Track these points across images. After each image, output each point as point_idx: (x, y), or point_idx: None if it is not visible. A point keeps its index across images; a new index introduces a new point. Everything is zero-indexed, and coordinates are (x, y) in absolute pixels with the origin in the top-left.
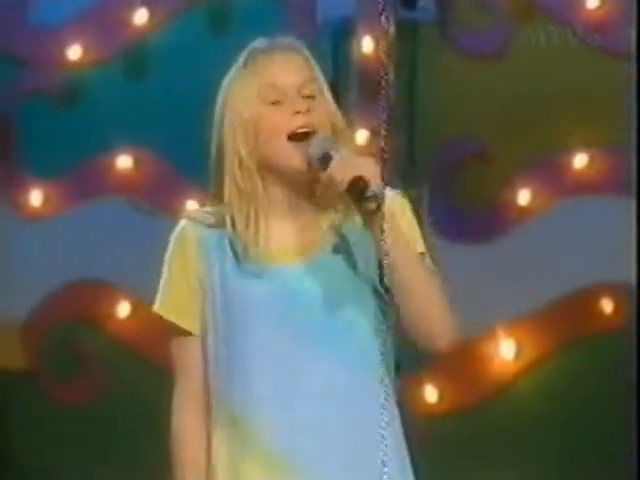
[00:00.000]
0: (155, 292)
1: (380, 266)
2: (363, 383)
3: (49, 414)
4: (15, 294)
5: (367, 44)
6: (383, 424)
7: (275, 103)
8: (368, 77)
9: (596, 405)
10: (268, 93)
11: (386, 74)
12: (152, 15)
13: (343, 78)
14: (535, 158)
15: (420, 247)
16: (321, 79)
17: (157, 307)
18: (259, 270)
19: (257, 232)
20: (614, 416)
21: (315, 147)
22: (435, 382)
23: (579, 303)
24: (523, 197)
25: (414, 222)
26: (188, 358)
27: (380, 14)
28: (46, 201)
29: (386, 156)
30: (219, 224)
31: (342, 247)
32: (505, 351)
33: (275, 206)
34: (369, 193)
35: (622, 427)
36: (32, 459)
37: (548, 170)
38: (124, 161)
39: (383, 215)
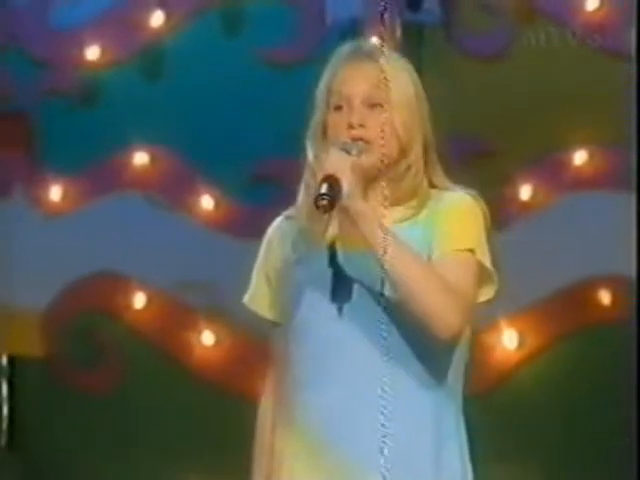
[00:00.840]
0: (169, 285)
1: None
2: (398, 368)
3: (67, 400)
4: (36, 285)
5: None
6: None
7: (338, 109)
8: None
9: (595, 393)
10: (334, 99)
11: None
12: (168, 17)
13: None
14: (536, 155)
15: (458, 244)
16: (395, 87)
17: (246, 300)
18: (319, 257)
19: (319, 221)
20: (613, 404)
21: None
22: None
23: (579, 295)
24: (525, 192)
25: (466, 220)
26: (275, 346)
27: (381, 15)
28: (65, 196)
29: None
30: (293, 215)
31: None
32: (507, 341)
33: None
34: (322, 190)
35: (621, 415)
36: (51, 444)
37: (549, 167)
38: (140, 158)
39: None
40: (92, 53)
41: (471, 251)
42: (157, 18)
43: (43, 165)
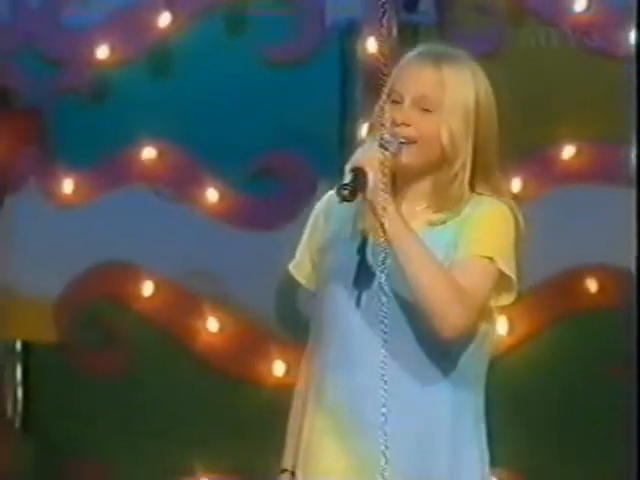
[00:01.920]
0: (175, 274)
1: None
2: (423, 353)
3: (79, 383)
4: (49, 274)
5: (371, 45)
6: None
7: (395, 103)
8: (372, 75)
9: (583, 376)
10: (393, 94)
11: (389, 72)
12: (174, 18)
13: (350, 76)
14: (526, 150)
15: (479, 250)
16: (448, 93)
17: (291, 266)
18: (359, 240)
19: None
20: (600, 387)
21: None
22: None
23: (567, 283)
24: (515, 186)
25: (493, 227)
26: (312, 314)
27: (381, 17)
28: (77, 189)
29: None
30: None
31: (433, 236)
32: (499, 327)
33: (394, 191)
34: (346, 179)
35: (607, 397)
36: (63, 424)
37: (538, 161)
38: (148, 153)
39: (392, 207)
40: (102, 52)
41: (490, 259)
42: (164, 19)
43: (56, 159)
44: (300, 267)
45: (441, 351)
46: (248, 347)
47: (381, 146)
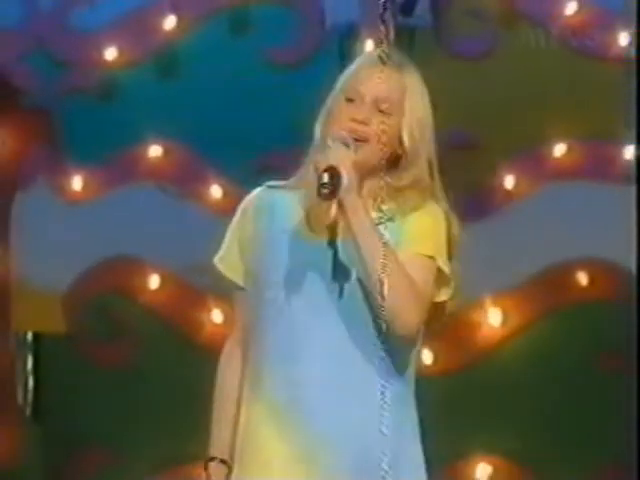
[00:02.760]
0: (178, 267)
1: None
2: (362, 347)
3: (87, 373)
4: (58, 268)
5: (370, 46)
6: (381, 386)
7: (349, 101)
8: None
9: (573, 366)
10: (349, 92)
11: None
12: (179, 21)
13: None
14: (519, 148)
15: (423, 249)
16: (409, 99)
17: (216, 260)
18: (301, 237)
19: (316, 202)
20: (590, 376)
21: (334, 139)
22: (430, 346)
23: (558, 276)
24: (508, 182)
25: (432, 227)
26: (237, 309)
27: (382, 21)
28: (85, 186)
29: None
30: (288, 188)
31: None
32: (492, 319)
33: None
34: (325, 180)
35: (598, 386)
36: (72, 413)
37: (530, 158)
38: (155, 151)
39: (360, 204)
40: (110, 54)
41: (432, 257)
42: (170, 21)
43: (65, 157)
44: (226, 261)
45: (387, 346)
46: None
47: (343, 144)
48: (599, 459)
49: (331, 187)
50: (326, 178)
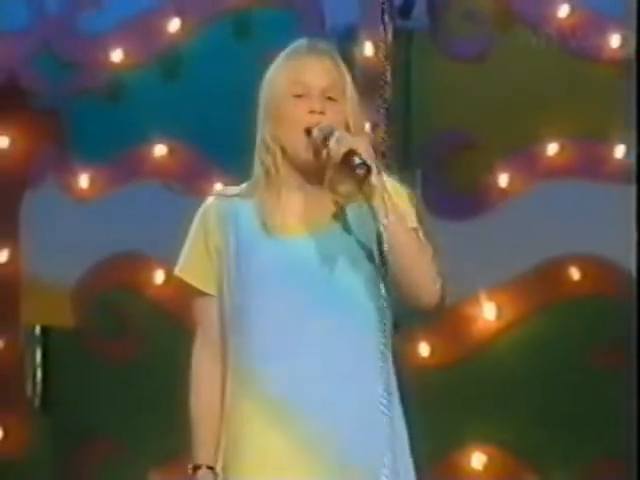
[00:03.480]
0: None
1: (378, 236)
2: (360, 342)
3: (94, 366)
4: (66, 264)
5: (368, 49)
6: (381, 379)
7: (298, 97)
8: (370, 77)
9: (566, 359)
10: (294, 88)
11: (385, 75)
12: (184, 24)
13: None
14: (514, 147)
15: (413, 223)
16: (347, 83)
17: (177, 271)
18: (274, 238)
19: (277, 205)
20: (582, 369)
21: (317, 131)
22: (428, 339)
23: (551, 271)
24: (503, 180)
25: (409, 202)
26: (206, 315)
27: (382, 23)
28: (92, 184)
29: (386, 144)
30: (243, 196)
31: (345, 223)
32: (487, 313)
33: (291, 186)
34: (357, 161)
35: (589, 378)
36: (79, 404)
37: (525, 157)
38: (159, 150)
39: (383, 188)
40: (116, 56)
41: (415, 229)
42: (174, 25)
43: (73, 156)
44: (191, 270)
45: (376, 339)
46: None
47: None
48: (591, 450)
49: (365, 167)
50: (358, 160)
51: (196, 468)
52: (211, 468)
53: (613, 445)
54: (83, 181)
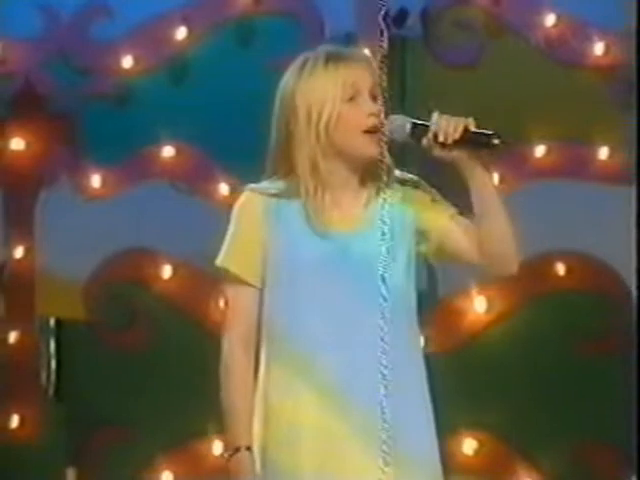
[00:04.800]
0: (189, 258)
1: (418, 233)
2: (405, 334)
3: (105, 357)
4: (79, 259)
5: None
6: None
7: (351, 99)
8: None
9: (553, 350)
10: (347, 91)
11: (381, 80)
12: (190, 32)
13: None
14: (503, 148)
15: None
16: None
17: (220, 262)
18: (321, 233)
19: (323, 201)
20: (568, 359)
21: (394, 124)
22: (421, 330)
23: (538, 267)
24: (494, 180)
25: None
26: (244, 306)
27: (381, 33)
28: (104, 184)
29: (384, 145)
30: (283, 194)
31: (384, 220)
32: (478, 306)
33: (339, 183)
34: (489, 131)
35: (575, 367)
36: (91, 393)
37: (514, 158)
38: (167, 151)
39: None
40: (127, 62)
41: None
42: (181, 33)
43: (85, 157)
44: (236, 261)
45: (413, 312)
46: None
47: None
48: (577, 435)
49: (497, 135)
50: (489, 131)
51: (236, 450)
52: (249, 449)
53: (598, 430)
54: (95, 181)
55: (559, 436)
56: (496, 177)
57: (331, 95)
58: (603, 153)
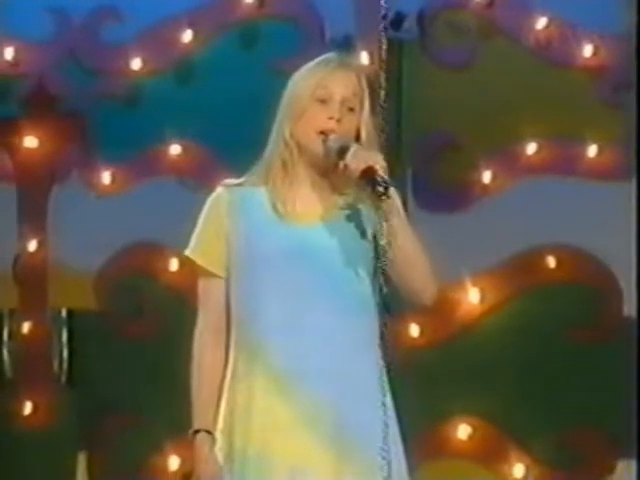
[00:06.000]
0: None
1: (376, 235)
2: (357, 324)
3: (116, 346)
4: (90, 252)
5: (364, 57)
6: (379, 359)
7: (321, 101)
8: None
9: (543, 338)
10: (319, 92)
11: (379, 81)
12: (196, 35)
13: None
14: (496, 147)
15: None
16: (366, 97)
17: (189, 252)
18: (284, 224)
19: (288, 192)
20: (558, 348)
21: (333, 141)
22: (417, 320)
23: (529, 259)
24: (486, 177)
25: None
26: (212, 297)
27: (380, 34)
28: (114, 181)
29: (380, 142)
30: (253, 184)
31: (349, 216)
32: (472, 297)
33: (302, 179)
34: (379, 179)
35: (564, 356)
36: (102, 380)
37: (506, 156)
38: (174, 149)
39: (390, 197)
40: (135, 64)
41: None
42: (187, 36)
43: (96, 155)
44: (202, 252)
45: (372, 322)
46: None
47: (327, 142)
48: (567, 420)
49: (384, 184)
50: (379, 179)
51: (195, 432)
52: (209, 432)
53: (587, 416)
54: (105, 178)
55: (550, 421)
56: (488, 175)
57: (305, 91)
58: (592, 150)
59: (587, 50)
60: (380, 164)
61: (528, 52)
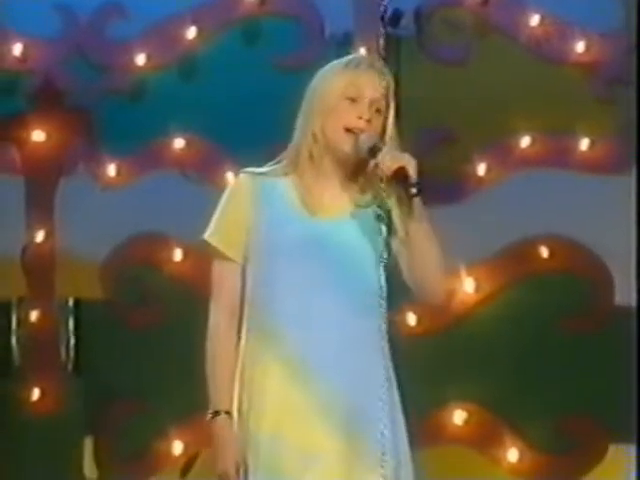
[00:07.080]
0: (200, 242)
1: (386, 239)
2: (368, 317)
3: (121, 334)
4: (96, 243)
5: (363, 53)
6: (383, 347)
7: (351, 100)
8: None
9: (537, 327)
10: (350, 90)
11: (388, 84)
12: (200, 32)
13: None
14: (490, 140)
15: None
16: (391, 99)
17: (208, 236)
18: (305, 216)
19: (313, 187)
20: (551, 335)
21: (365, 140)
22: (414, 310)
23: (523, 250)
24: (481, 170)
25: None
26: (228, 280)
27: (379, 31)
28: (119, 173)
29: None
30: (277, 175)
31: (369, 215)
32: (467, 286)
33: (328, 173)
34: (413, 180)
35: (557, 343)
36: (108, 368)
37: (500, 149)
38: (178, 142)
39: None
40: (140, 60)
41: None
42: (191, 32)
43: (102, 148)
44: (220, 237)
45: (377, 316)
46: None
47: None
48: (560, 407)
49: (418, 186)
50: (413, 180)
51: (216, 413)
52: (228, 413)
53: (580, 402)
54: (111, 170)
55: (543, 407)
56: (483, 168)
57: (336, 89)
58: (584, 144)
59: (580, 46)
60: (412, 165)
61: (522, 48)
